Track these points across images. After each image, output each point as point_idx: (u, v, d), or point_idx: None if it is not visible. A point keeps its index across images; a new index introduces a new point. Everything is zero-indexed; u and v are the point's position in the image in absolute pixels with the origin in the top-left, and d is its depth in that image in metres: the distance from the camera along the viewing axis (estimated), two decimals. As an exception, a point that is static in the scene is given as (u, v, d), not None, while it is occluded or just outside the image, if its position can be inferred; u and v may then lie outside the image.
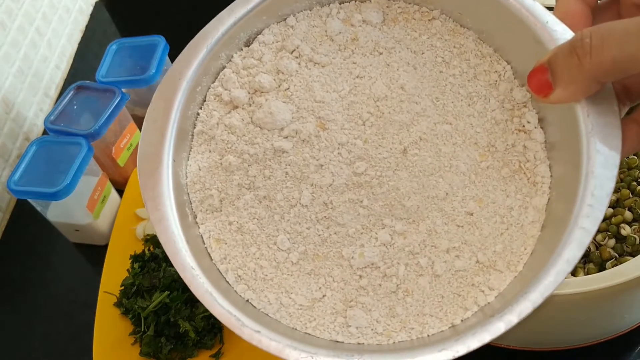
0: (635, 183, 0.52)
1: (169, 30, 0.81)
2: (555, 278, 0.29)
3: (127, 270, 0.64)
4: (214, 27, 0.36)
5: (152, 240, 0.66)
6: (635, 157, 0.54)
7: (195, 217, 0.34)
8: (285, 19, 0.37)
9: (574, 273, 0.49)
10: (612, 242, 0.51)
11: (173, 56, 0.77)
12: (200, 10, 0.97)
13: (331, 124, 0.34)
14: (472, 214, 0.33)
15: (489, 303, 0.32)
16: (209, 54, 0.36)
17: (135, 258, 0.65)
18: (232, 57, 0.37)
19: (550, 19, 0.32)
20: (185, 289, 0.60)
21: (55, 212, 0.70)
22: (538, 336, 0.51)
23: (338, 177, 0.33)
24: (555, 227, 0.31)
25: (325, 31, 0.37)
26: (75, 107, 0.72)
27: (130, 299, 0.61)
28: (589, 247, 0.50)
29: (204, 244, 0.34)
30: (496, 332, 0.29)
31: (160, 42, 0.76)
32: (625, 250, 0.50)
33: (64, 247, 0.74)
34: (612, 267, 0.47)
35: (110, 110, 0.70)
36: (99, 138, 0.69)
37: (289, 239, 0.33)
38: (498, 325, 0.29)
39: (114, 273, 0.65)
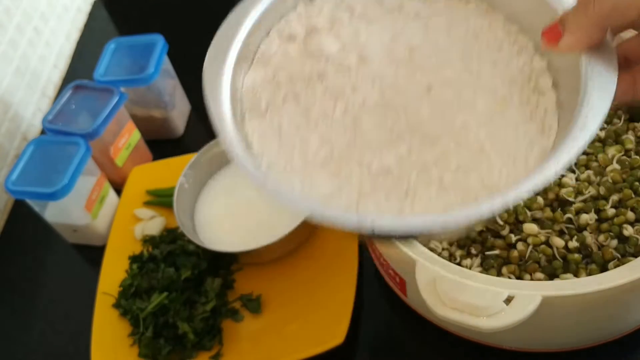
0: (637, 183, 0.52)
1: (167, 28, 0.80)
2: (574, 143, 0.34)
3: (126, 271, 0.64)
4: None
5: (151, 241, 0.66)
6: (638, 157, 0.54)
7: (244, 118, 0.40)
8: None
9: (576, 274, 0.49)
10: (614, 242, 0.50)
11: (172, 55, 0.78)
12: (198, 9, 0.97)
13: (370, 61, 0.41)
14: (483, 150, 0.37)
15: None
16: None
17: (133, 259, 0.65)
18: (297, 5, 0.44)
19: (573, 2, 0.36)
20: (183, 289, 0.60)
21: (53, 213, 0.69)
22: (539, 338, 0.51)
23: (369, 99, 0.39)
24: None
25: None
26: (73, 106, 0.72)
27: (128, 300, 0.61)
28: (590, 248, 0.50)
29: (248, 139, 0.39)
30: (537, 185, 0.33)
31: (159, 41, 0.75)
32: (627, 251, 0.50)
33: (62, 247, 0.74)
34: (615, 268, 0.47)
35: (109, 109, 0.69)
36: (97, 138, 0.68)
37: (319, 143, 0.38)
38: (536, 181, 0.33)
39: (112, 274, 0.64)
